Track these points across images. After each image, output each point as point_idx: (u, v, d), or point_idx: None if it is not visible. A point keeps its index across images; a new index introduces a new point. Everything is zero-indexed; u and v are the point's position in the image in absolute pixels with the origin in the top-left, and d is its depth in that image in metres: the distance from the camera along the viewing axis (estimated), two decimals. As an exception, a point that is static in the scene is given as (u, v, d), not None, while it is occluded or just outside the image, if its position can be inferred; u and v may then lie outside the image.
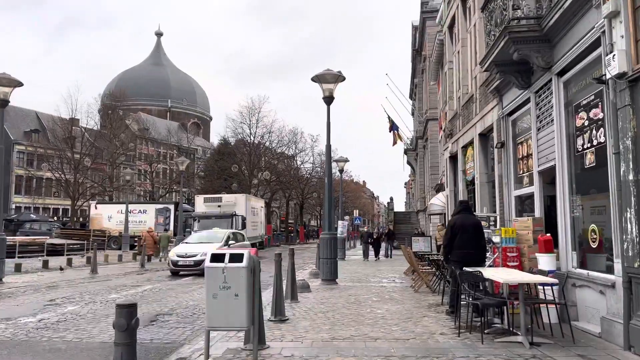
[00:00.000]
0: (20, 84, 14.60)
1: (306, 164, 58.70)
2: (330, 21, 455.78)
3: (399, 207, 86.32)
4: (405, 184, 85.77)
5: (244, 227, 26.16)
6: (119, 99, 60.19)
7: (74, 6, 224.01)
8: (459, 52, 15.94)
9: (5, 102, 14.52)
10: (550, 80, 8.43)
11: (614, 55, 6.00)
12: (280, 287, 8.02)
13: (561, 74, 8.08)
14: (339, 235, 24.30)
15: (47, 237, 31.36)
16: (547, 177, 8.91)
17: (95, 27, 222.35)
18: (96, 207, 38.11)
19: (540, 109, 9.13)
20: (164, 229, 32.89)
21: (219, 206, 27.82)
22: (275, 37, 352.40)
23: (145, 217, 35.66)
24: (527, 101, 9.65)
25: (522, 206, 10.44)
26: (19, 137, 58.30)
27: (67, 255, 24.30)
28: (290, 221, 66.68)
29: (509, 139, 10.86)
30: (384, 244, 28.00)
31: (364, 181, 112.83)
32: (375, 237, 27.17)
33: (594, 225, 7.19)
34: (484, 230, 8.48)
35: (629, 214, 5.82)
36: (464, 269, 7.33)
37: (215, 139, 72.01)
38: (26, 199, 58.82)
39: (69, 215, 52.09)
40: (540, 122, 9.12)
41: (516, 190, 10.51)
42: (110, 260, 23.05)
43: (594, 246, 7.15)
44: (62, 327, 7.89)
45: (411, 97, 50.23)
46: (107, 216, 36.56)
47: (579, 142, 7.54)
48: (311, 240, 60.44)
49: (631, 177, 5.80)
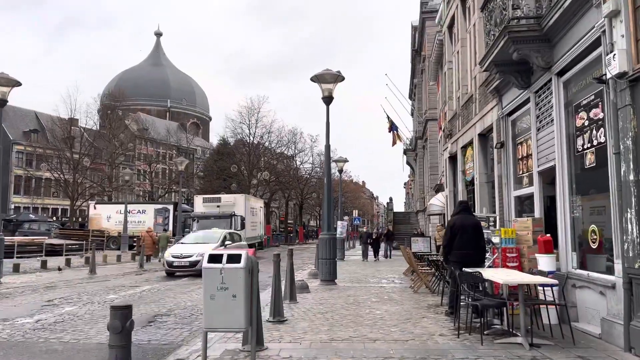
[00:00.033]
0: (18, 84, 14.55)
1: (305, 164, 58.78)
2: (330, 21, 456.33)
3: (399, 207, 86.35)
4: (404, 184, 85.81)
5: (243, 228, 26.10)
6: (118, 99, 60.23)
7: (74, 6, 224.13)
8: (458, 52, 15.90)
9: (3, 102, 14.48)
10: (550, 80, 8.40)
11: (614, 54, 5.97)
12: (278, 288, 7.99)
13: (561, 73, 8.06)
14: (338, 235, 24.28)
15: (46, 237, 31.29)
16: (547, 177, 8.88)
17: (95, 27, 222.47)
18: (95, 207, 38.10)
19: (540, 109, 9.10)
20: (163, 229, 32.85)
21: (218, 206, 27.74)
22: (275, 37, 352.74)
23: (144, 218, 35.66)
24: (527, 101, 9.62)
25: (522, 206, 10.41)
26: (18, 137, 58.25)
27: (66, 255, 24.25)
28: (289, 221, 66.74)
29: (508, 139, 10.83)
30: (383, 245, 27.93)
31: (363, 181, 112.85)
32: (374, 237, 27.10)
33: (594, 225, 7.16)
34: (484, 230, 8.44)
35: (629, 214, 5.79)
36: (464, 269, 7.30)
37: (214, 139, 72.07)
38: (25, 199, 58.75)
39: (68, 215, 52.06)
40: (540, 122, 9.09)
41: (516, 190, 10.48)
42: (109, 260, 23.01)
43: (594, 247, 7.12)
44: (59, 328, 7.85)
45: (410, 97, 50.22)
46: (106, 216, 36.56)
47: (579, 142, 7.51)
48: (310, 240, 60.38)
49: (632, 177, 5.76)
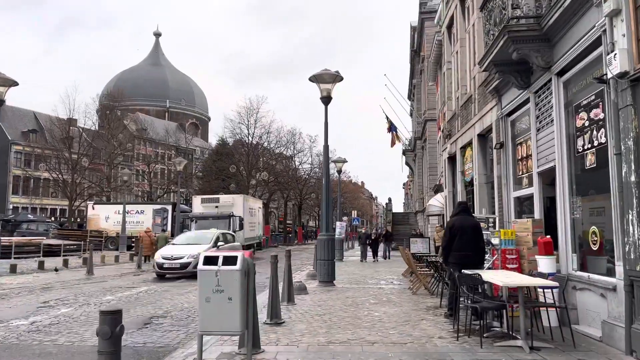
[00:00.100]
0: (15, 84, 14.41)
1: (304, 165, 58.75)
2: (330, 21, 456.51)
3: (398, 208, 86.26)
4: (403, 184, 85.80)
5: (241, 228, 25.99)
6: (117, 99, 60.20)
7: (74, 6, 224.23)
8: (457, 53, 15.83)
9: (0, 102, 14.37)
10: (550, 80, 8.33)
11: (615, 54, 5.90)
12: (276, 290, 7.90)
13: (561, 73, 7.99)
14: (337, 236, 24.21)
15: (44, 237, 31.19)
16: (547, 178, 8.81)
17: (95, 27, 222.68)
18: (93, 208, 38.01)
19: (539, 109, 9.03)
20: (162, 230, 32.73)
21: (217, 207, 27.62)
22: (275, 37, 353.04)
23: (142, 218, 35.58)
24: (527, 101, 9.55)
25: (522, 207, 10.34)
26: (16, 137, 58.11)
27: (64, 256, 24.18)
28: (288, 222, 66.65)
29: (508, 140, 10.76)
30: (382, 245, 27.84)
31: (362, 182, 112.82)
32: (373, 238, 27.01)
33: (594, 227, 7.09)
34: (483, 232, 8.37)
35: (630, 215, 5.71)
36: (463, 271, 7.23)
37: (213, 140, 72.02)
38: (23, 199, 58.61)
39: (67, 215, 51.95)
40: (539, 122, 9.02)
41: (515, 191, 10.41)
42: (106, 261, 22.92)
43: (595, 248, 7.05)
44: (54, 330, 7.77)
45: (410, 97, 50.17)
46: (104, 217, 36.47)
47: (579, 142, 7.44)
48: (310, 241, 60.31)
49: (633, 178, 5.69)
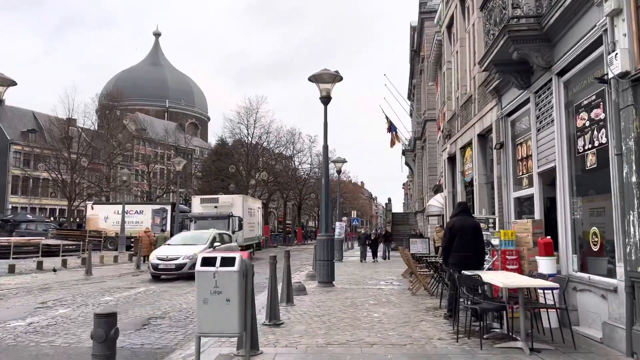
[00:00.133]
0: (14, 83, 14.35)
1: (304, 165, 58.73)
2: (330, 21, 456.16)
3: (397, 208, 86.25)
4: (403, 184, 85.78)
5: (240, 228, 25.92)
6: (117, 99, 60.10)
7: (74, 6, 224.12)
8: (457, 52, 15.79)
9: (-1, 101, 14.35)
10: (550, 80, 8.28)
11: (616, 54, 5.86)
12: (275, 290, 7.86)
13: (561, 73, 7.95)
14: (336, 236, 24.19)
15: (43, 237, 31.13)
16: (547, 178, 8.77)
17: (95, 27, 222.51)
18: (93, 208, 37.92)
19: (540, 110, 8.99)
20: (161, 230, 32.67)
21: (216, 207, 27.54)
22: (275, 37, 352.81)
23: (142, 218, 35.48)
24: (527, 101, 9.51)
25: (522, 208, 10.29)
26: (15, 137, 58.06)
27: (63, 256, 24.12)
28: (288, 222, 66.61)
29: (508, 140, 10.72)
30: (381, 246, 27.80)
31: (362, 182, 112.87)
32: (372, 238, 26.97)
33: (595, 227, 7.05)
34: (483, 232, 8.33)
35: (631, 216, 5.67)
36: (463, 272, 7.18)
37: (212, 140, 71.94)
38: (22, 199, 58.55)
39: (66, 215, 51.89)
40: (540, 122, 8.98)
41: (515, 191, 10.37)
42: (105, 261, 22.86)
43: (595, 249, 7.00)
44: (51, 332, 7.72)
45: (409, 97, 50.14)
46: (103, 217, 36.37)
47: (580, 143, 7.40)
48: (309, 241, 60.24)
49: (634, 179, 5.65)
